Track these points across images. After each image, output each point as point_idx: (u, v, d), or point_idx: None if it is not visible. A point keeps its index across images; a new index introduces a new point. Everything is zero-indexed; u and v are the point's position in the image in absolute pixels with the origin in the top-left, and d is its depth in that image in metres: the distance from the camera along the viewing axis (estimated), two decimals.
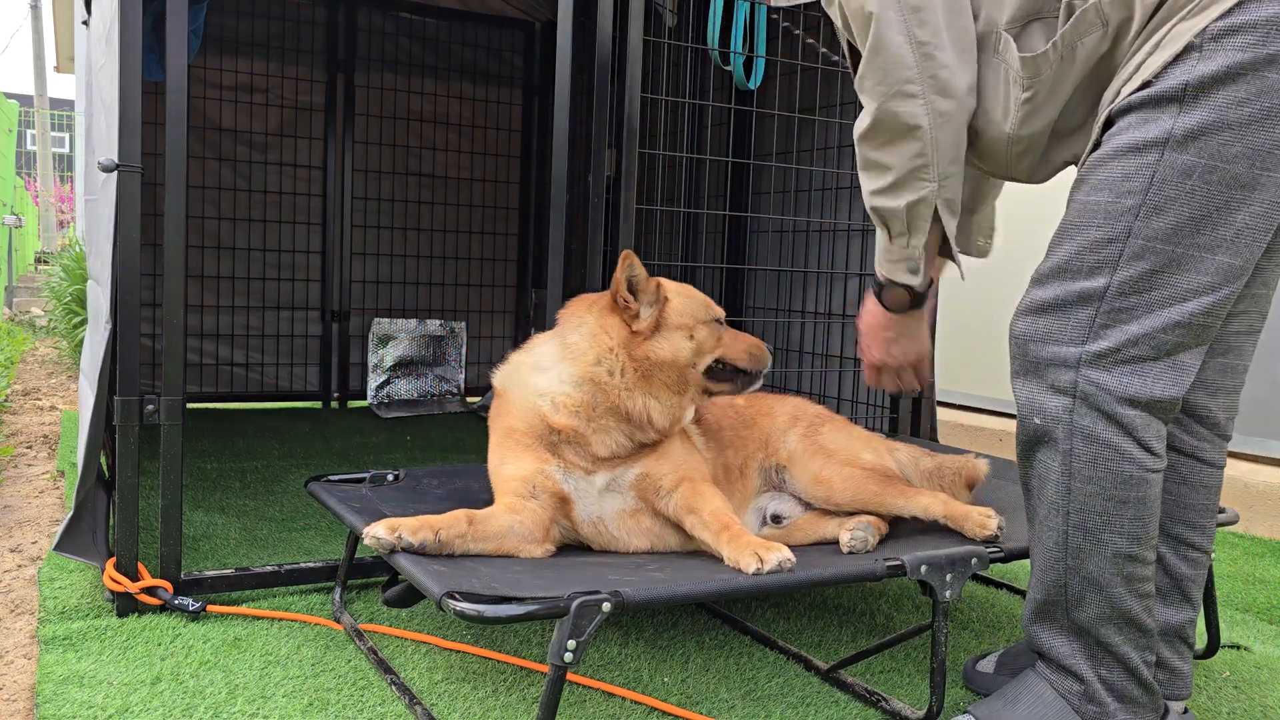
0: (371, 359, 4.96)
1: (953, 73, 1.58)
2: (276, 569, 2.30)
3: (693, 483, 1.82)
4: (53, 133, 17.99)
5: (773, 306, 3.98)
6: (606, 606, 1.41)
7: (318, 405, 5.04)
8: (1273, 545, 3.22)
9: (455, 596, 1.43)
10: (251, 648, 2.00)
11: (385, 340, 4.98)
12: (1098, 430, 1.46)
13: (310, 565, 2.34)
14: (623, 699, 1.85)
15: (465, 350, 5.17)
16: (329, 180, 4.94)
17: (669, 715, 1.80)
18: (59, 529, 2.20)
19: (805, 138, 3.57)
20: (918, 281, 1.72)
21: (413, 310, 5.20)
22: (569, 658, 1.39)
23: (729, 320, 1.97)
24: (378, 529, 1.64)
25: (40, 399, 5.18)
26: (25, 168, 17.23)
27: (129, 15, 2.06)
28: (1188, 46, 1.38)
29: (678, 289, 1.90)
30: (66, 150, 22.05)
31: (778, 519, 2.04)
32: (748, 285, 4.12)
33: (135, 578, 2.13)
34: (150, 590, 2.13)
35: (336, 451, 3.95)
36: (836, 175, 3.50)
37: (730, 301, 4.07)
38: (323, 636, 2.08)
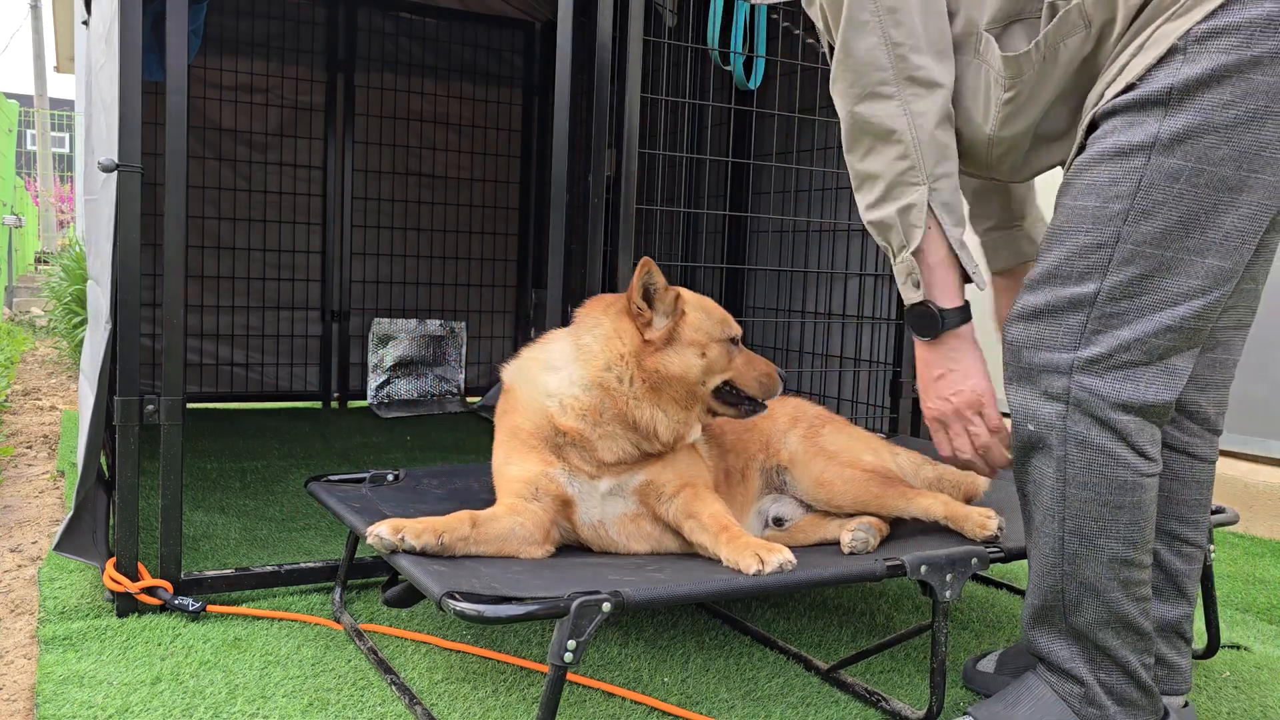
0: (371, 359, 4.96)
1: (930, 72, 1.55)
2: (276, 569, 2.30)
3: (694, 488, 1.81)
4: (53, 133, 18.00)
5: (773, 306, 3.98)
6: (606, 607, 1.41)
7: (318, 405, 5.04)
8: (1273, 545, 3.22)
9: (455, 596, 1.43)
10: (251, 648, 2.00)
11: (385, 340, 4.98)
12: (1092, 436, 1.45)
13: (310, 565, 2.34)
14: (623, 699, 1.85)
15: (465, 350, 5.18)
16: (329, 180, 4.94)
17: (669, 715, 1.80)
18: (59, 529, 2.20)
19: (805, 138, 3.57)
20: (920, 295, 1.63)
21: (413, 310, 5.21)
22: (569, 658, 1.39)
23: None
24: (382, 529, 1.64)
25: (40, 399, 5.18)
26: (25, 168, 17.24)
27: (129, 15, 2.06)
28: (1172, 49, 1.37)
29: (697, 302, 1.85)
30: (66, 150, 22.06)
31: (779, 521, 2.03)
32: (748, 285, 4.13)
33: (135, 578, 2.13)
34: (150, 590, 2.13)
35: (336, 451, 3.95)
36: (836, 175, 3.50)
37: (730, 301, 4.07)
38: (323, 636, 2.08)
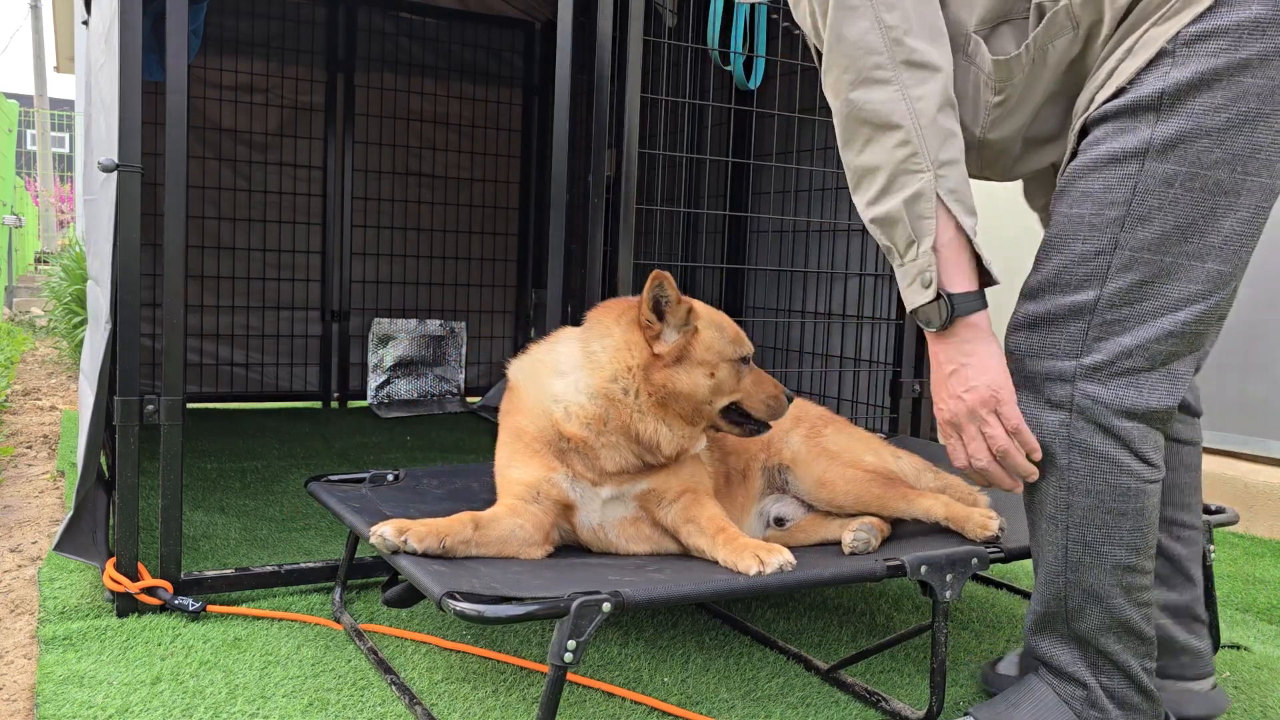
0: (371, 359, 4.96)
1: (927, 55, 1.47)
2: (276, 569, 2.30)
3: (694, 494, 1.81)
4: (53, 133, 18.01)
5: (773, 306, 3.98)
6: (606, 607, 1.41)
7: (318, 405, 5.04)
8: (1273, 545, 3.22)
9: (455, 596, 1.43)
10: (251, 648, 2.00)
11: (385, 340, 4.98)
12: (1095, 443, 1.45)
13: (310, 565, 2.34)
14: (623, 699, 1.85)
15: (465, 350, 5.17)
16: (329, 180, 4.94)
17: (669, 715, 1.80)
18: (59, 529, 2.20)
19: (805, 138, 3.57)
20: (930, 295, 1.50)
21: (413, 310, 5.20)
22: (569, 658, 1.39)
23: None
24: (386, 529, 1.63)
25: (40, 399, 5.18)
26: (25, 168, 17.24)
27: (129, 15, 2.06)
28: (1161, 52, 1.36)
29: (710, 318, 1.82)
30: (66, 150, 22.07)
31: (781, 522, 2.03)
32: (748, 285, 4.13)
33: (135, 578, 2.13)
34: (150, 590, 2.13)
35: (336, 451, 3.95)
36: (836, 175, 3.49)
37: (730, 301, 4.07)
38: (323, 636, 2.08)
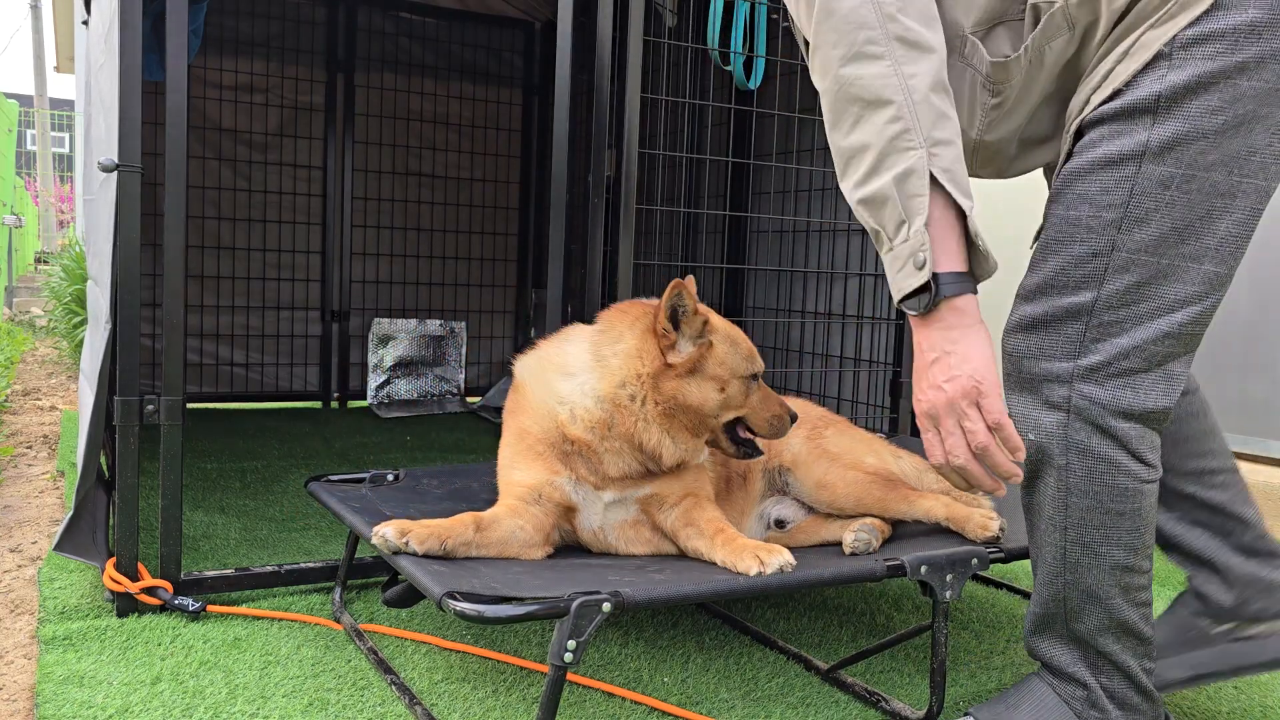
0: (371, 359, 4.97)
1: (920, 35, 1.41)
2: (276, 569, 2.30)
3: (695, 498, 1.81)
4: (53, 133, 18.01)
5: (773, 306, 3.98)
6: (607, 607, 1.41)
7: (318, 405, 5.04)
8: None
9: (455, 596, 1.43)
10: (251, 648, 2.00)
11: (385, 340, 4.98)
12: (1092, 444, 1.45)
13: (310, 565, 2.34)
14: (623, 699, 1.85)
15: (465, 350, 5.18)
16: (329, 180, 4.94)
17: (669, 715, 1.80)
18: (59, 529, 2.20)
19: (805, 138, 3.57)
20: (924, 277, 1.43)
21: (413, 310, 5.21)
22: (569, 658, 1.39)
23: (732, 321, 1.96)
24: (387, 530, 1.63)
25: (40, 399, 5.18)
26: (25, 168, 17.24)
27: (129, 15, 2.06)
28: (1157, 55, 1.36)
29: (726, 332, 1.80)
30: (66, 150, 22.07)
31: (781, 524, 2.03)
32: (748, 285, 4.13)
33: (135, 578, 2.13)
34: (150, 590, 2.13)
35: (336, 451, 3.95)
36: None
37: (730, 301, 4.07)
38: (323, 636, 2.08)
